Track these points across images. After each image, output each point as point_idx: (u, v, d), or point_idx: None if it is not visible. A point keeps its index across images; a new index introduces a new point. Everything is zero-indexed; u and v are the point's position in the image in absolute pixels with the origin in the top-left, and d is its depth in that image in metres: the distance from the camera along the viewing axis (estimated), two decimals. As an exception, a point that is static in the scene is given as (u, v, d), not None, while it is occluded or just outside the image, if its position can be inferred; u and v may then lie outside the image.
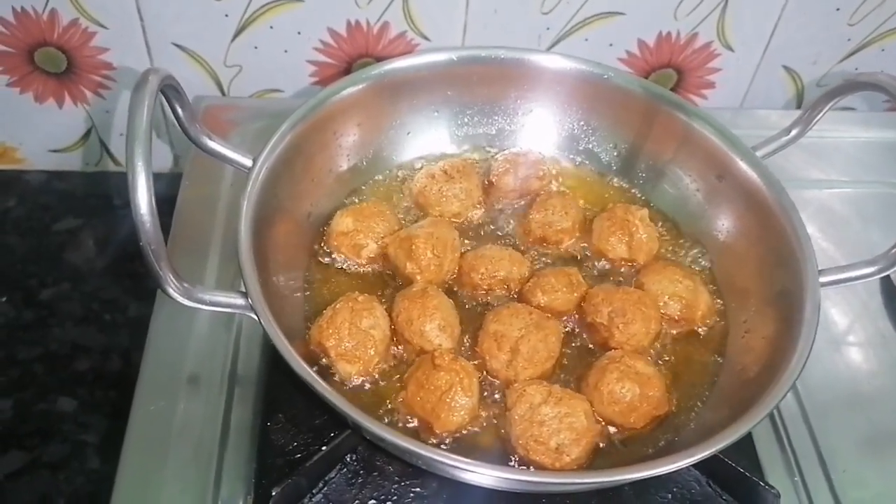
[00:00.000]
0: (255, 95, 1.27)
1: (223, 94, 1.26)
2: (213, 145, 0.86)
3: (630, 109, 1.07)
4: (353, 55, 1.23)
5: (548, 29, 1.23)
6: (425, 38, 1.22)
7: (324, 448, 0.80)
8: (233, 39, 1.19)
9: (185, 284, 0.73)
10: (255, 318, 0.76)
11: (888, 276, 1.09)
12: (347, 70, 1.25)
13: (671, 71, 1.31)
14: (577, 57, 1.07)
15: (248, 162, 0.87)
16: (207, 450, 0.87)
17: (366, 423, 0.71)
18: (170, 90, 0.76)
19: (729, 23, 1.24)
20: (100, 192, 1.31)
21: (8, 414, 1.05)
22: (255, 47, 1.21)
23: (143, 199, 0.66)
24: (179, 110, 0.81)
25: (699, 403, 0.90)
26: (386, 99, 1.04)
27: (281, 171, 0.90)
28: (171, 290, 0.73)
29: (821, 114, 0.97)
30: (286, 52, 1.22)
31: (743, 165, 0.98)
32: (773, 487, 0.82)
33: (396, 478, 0.84)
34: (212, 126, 1.21)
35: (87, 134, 1.29)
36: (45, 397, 1.07)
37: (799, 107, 1.38)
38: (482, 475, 0.73)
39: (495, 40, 1.23)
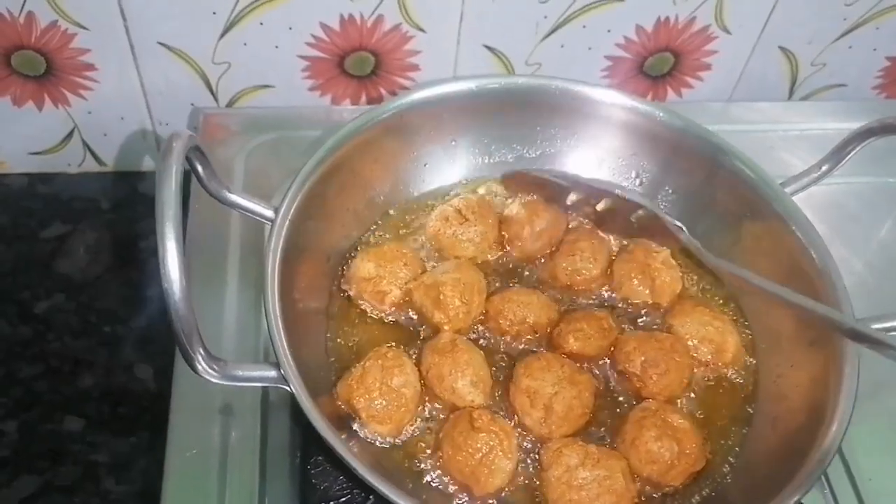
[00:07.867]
0: (245, 92, 1.23)
1: (212, 92, 1.21)
2: (234, 198, 0.84)
3: (658, 141, 1.05)
4: (346, 49, 1.19)
5: (545, 17, 1.19)
6: (421, 30, 1.18)
7: (371, 498, 0.80)
8: (221, 37, 1.14)
9: (215, 367, 0.71)
10: (289, 389, 0.75)
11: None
12: (340, 64, 1.21)
13: (668, 54, 1.29)
14: (609, 89, 1.06)
15: (269, 213, 0.85)
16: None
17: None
18: (191, 151, 0.74)
19: (727, 6, 1.22)
20: (85, 195, 1.26)
21: (14, 436, 1.03)
22: (245, 44, 1.15)
23: (175, 279, 0.64)
24: (200, 169, 0.79)
25: (731, 458, 0.88)
26: (402, 132, 1.01)
27: (300, 220, 0.87)
28: (202, 372, 0.71)
29: (852, 152, 0.94)
30: (277, 47, 1.17)
31: (773, 205, 0.96)
32: None
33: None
34: (210, 136, 1.17)
35: (69, 135, 1.24)
36: (51, 417, 1.04)
37: (793, 86, 1.38)
38: None
39: (491, 30, 1.20)
